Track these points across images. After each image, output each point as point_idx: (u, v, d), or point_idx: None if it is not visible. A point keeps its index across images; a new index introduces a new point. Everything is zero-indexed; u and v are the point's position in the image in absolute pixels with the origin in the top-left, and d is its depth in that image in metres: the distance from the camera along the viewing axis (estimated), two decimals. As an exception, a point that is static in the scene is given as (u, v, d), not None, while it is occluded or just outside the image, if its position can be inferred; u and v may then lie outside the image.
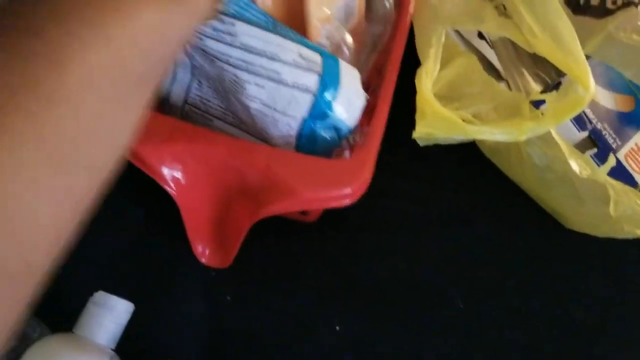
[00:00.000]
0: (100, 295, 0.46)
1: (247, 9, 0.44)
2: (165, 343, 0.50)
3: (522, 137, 0.44)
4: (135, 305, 0.47)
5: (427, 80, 0.47)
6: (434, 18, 0.51)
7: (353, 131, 0.47)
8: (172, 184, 0.45)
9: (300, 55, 0.43)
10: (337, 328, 0.51)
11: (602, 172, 0.49)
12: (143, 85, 0.30)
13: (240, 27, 0.43)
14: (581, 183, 0.50)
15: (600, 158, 0.57)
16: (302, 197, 0.43)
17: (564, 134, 0.57)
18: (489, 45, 0.60)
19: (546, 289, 0.54)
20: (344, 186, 0.43)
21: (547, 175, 0.52)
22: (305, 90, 0.44)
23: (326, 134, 0.46)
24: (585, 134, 0.58)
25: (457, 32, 0.60)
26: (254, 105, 0.45)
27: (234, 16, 0.43)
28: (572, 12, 0.57)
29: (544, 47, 0.48)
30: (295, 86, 0.44)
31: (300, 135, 0.46)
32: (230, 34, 0.43)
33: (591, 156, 0.57)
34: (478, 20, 0.54)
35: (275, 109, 0.45)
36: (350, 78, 0.45)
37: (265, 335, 0.51)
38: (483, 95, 0.52)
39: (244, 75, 0.44)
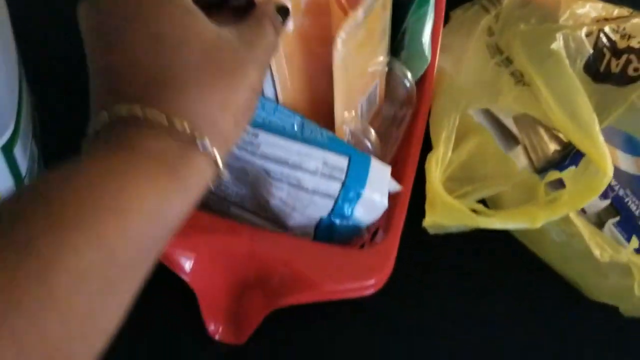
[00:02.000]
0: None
1: (274, 113, 0.44)
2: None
3: (536, 225, 0.44)
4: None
5: (436, 170, 0.47)
6: (449, 95, 0.51)
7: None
8: (186, 270, 0.44)
9: (325, 164, 0.43)
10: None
11: (625, 253, 0.47)
12: (135, 270, 0.30)
13: (263, 138, 0.43)
14: (601, 262, 0.48)
15: (624, 227, 0.55)
16: (323, 289, 0.43)
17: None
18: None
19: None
20: (367, 278, 0.43)
21: (566, 251, 0.51)
22: (326, 196, 0.44)
23: (345, 227, 0.46)
24: (607, 202, 0.56)
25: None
26: (273, 201, 0.45)
27: (258, 125, 0.43)
28: (592, 80, 0.57)
29: (561, 124, 0.47)
30: (315, 192, 0.44)
31: (318, 227, 0.46)
32: (252, 143, 0.43)
33: (613, 224, 0.56)
34: (494, 93, 0.53)
35: (294, 208, 0.45)
36: (379, 177, 0.45)
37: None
38: (497, 176, 0.51)
39: (265, 177, 0.44)
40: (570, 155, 0.57)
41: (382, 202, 0.45)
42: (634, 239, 0.52)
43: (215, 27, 0.34)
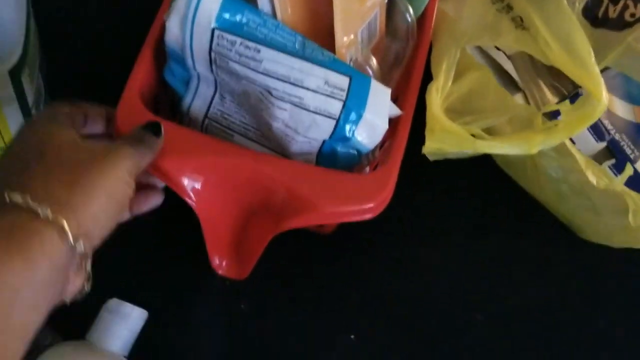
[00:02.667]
0: (114, 303, 0.46)
1: (276, 31, 0.44)
2: (178, 351, 0.50)
3: (533, 150, 0.44)
4: (149, 313, 0.47)
5: (436, 97, 0.47)
6: (450, 34, 0.51)
7: (374, 149, 0.47)
8: (192, 196, 0.45)
9: (326, 82, 0.43)
10: (352, 337, 0.51)
11: (619, 182, 0.48)
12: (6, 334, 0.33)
13: (265, 53, 0.43)
14: (598, 194, 0.49)
15: (619, 169, 0.56)
16: (324, 211, 0.43)
17: (581, 145, 0.57)
18: (506, 56, 0.60)
19: (562, 299, 0.54)
20: (366, 201, 0.43)
21: (562, 187, 0.52)
22: (328, 116, 0.44)
23: (347, 152, 0.46)
24: (603, 144, 0.57)
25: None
26: (276, 124, 0.45)
27: (259, 41, 0.43)
28: (590, 25, 0.57)
29: (558, 59, 0.48)
30: (317, 112, 0.44)
31: (320, 153, 0.46)
32: (254, 59, 0.43)
33: (609, 167, 0.57)
34: (494, 35, 0.53)
35: (296, 130, 0.45)
36: (379, 99, 0.45)
37: (280, 344, 0.50)
38: (496, 109, 0.51)
39: (268, 96, 0.44)
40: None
41: (383, 125, 0.45)
42: (628, 166, 0.53)
43: (79, 138, 0.40)
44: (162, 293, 0.51)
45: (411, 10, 0.51)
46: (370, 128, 0.44)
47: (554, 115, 0.54)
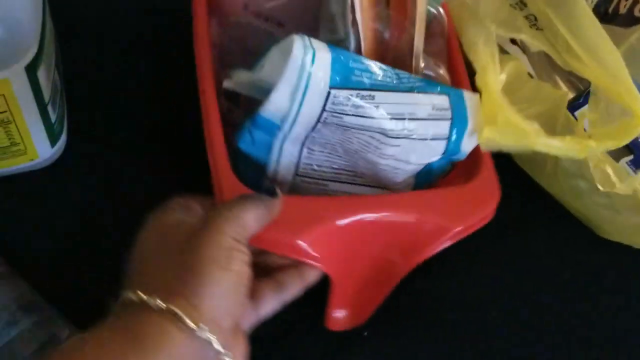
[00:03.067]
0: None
1: (377, 70, 0.43)
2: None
3: (583, 155, 0.43)
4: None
5: (496, 82, 0.45)
6: (479, 27, 0.51)
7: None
8: (319, 259, 0.43)
9: (434, 107, 0.43)
10: (365, 334, 0.50)
11: (637, 180, 0.48)
12: None
13: (379, 98, 0.42)
14: (616, 193, 0.49)
15: (637, 164, 0.56)
16: (457, 230, 0.44)
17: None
18: (522, 51, 0.60)
19: (581, 298, 0.54)
20: (487, 207, 0.45)
21: (580, 184, 0.51)
22: (439, 138, 0.44)
23: (442, 165, 0.47)
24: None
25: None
26: (385, 161, 0.45)
27: (370, 87, 0.42)
28: (600, 21, 0.57)
29: (584, 68, 0.47)
30: (430, 138, 0.44)
31: (418, 174, 0.47)
32: (370, 106, 0.42)
33: (627, 163, 0.56)
34: (512, 30, 0.53)
35: (407, 162, 0.45)
36: (473, 106, 0.45)
37: (290, 338, 0.50)
38: (532, 99, 0.51)
39: (381, 138, 0.43)
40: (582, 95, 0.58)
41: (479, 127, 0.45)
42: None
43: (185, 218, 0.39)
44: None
45: (441, 9, 0.51)
46: (472, 137, 0.45)
47: (573, 110, 0.53)
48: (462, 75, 0.50)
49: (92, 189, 0.54)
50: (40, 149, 0.51)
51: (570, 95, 0.61)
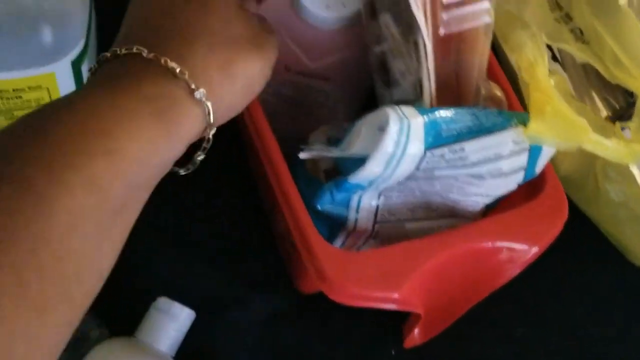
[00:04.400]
0: (164, 302, 0.46)
1: (460, 117, 0.42)
2: (223, 354, 0.49)
3: (629, 159, 0.42)
4: (196, 313, 0.46)
5: (544, 71, 0.43)
6: (526, 31, 0.50)
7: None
8: (412, 305, 0.44)
9: (514, 142, 0.42)
10: (393, 352, 0.50)
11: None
12: (126, 214, 0.31)
13: (468, 147, 0.41)
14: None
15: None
16: (539, 250, 0.44)
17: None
18: (563, 69, 0.59)
19: (608, 322, 0.54)
20: (560, 220, 0.45)
21: (622, 212, 0.51)
22: (519, 169, 0.43)
23: None
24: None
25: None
26: (467, 198, 0.45)
27: (459, 138, 0.41)
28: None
29: (633, 81, 0.46)
30: (512, 172, 0.43)
31: None
32: (461, 158, 0.41)
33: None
34: (561, 40, 0.52)
35: (487, 195, 0.45)
36: None
37: (320, 353, 0.50)
38: None
39: (465, 180, 0.43)
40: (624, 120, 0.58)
41: (550, 149, 0.44)
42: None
43: (242, 9, 0.36)
44: (209, 295, 0.50)
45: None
46: (545, 156, 0.44)
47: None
48: (508, 91, 0.49)
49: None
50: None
51: (605, 114, 0.60)
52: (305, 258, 0.42)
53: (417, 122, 0.39)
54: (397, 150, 0.39)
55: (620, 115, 0.59)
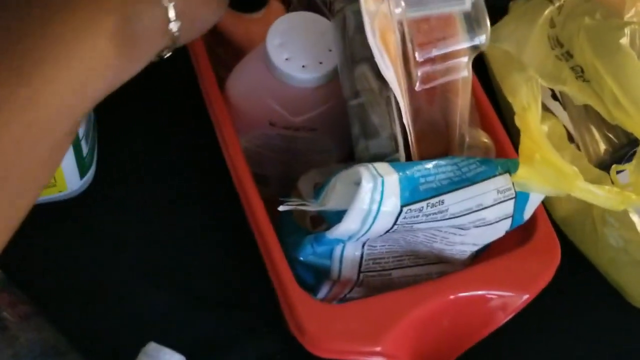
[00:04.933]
0: (153, 347, 0.45)
1: (439, 169, 0.41)
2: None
3: (621, 207, 0.42)
4: (187, 358, 0.46)
5: (536, 118, 0.43)
6: (520, 70, 0.49)
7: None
8: (396, 356, 0.43)
9: (498, 191, 0.42)
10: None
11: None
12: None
13: (448, 200, 0.41)
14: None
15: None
16: (531, 296, 0.45)
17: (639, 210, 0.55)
18: (562, 107, 0.59)
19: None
20: (554, 264, 0.45)
21: (621, 256, 0.51)
22: (505, 217, 0.43)
23: None
24: (661, 206, 0.55)
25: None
26: (451, 247, 0.44)
27: (438, 192, 0.41)
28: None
29: (632, 123, 0.46)
30: (497, 220, 0.43)
31: None
32: (441, 211, 0.41)
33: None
34: (558, 83, 0.52)
35: (474, 244, 0.45)
36: None
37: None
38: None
39: (448, 231, 0.43)
40: (624, 158, 0.57)
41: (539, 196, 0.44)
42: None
43: None
44: (200, 341, 0.50)
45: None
46: (532, 201, 0.44)
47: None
48: (499, 133, 0.48)
49: (120, 221, 0.53)
50: (69, 181, 0.51)
51: (604, 149, 0.59)
52: (285, 310, 0.41)
53: (391, 179, 0.39)
54: (372, 207, 0.39)
55: (620, 151, 0.58)
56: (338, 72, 0.42)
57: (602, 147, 0.58)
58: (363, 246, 0.44)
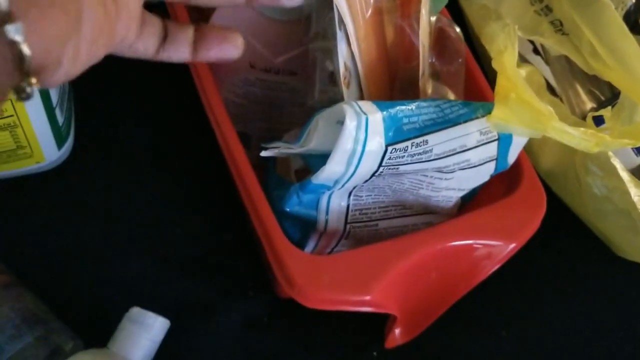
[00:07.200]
0: (136, 312, 0.45)
1: (422, 109, 0.41)
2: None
3: (595, 149, 0.41)
4: (171, 322, 0.46)
5: (512, 59, 0.42)
6: (500, 24, 0.49)
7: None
8: (385, 307, 0.43)
9: (480, 132, 0.42)
10: (375, 354, 0.50)
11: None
12: None
13: (432, 140, 0.40)
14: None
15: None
16: (519, 244, 0.44)
17: (621, 158, 0.55)
18: (544, 61, 0.58)
19: (592, 316, 0.53)
20: (540, 211, 0.45)
21: (605, 205, 0.50)
22: (489, 160, 0.43)
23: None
24: (643, 158, 0.55)
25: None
26: (437, 194, 0.44)
27: (422, 131, 0.40)
28: (630, 31, 0.55)
29: (609, 72, 0.46)
30: (481, 163, 0.43)
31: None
32: (425, 151, 0.41)
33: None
34: (535, 35, 0.52)
35: (459, 189, 0.45)
36: None
37: (300, 358, 0.49)
38: None
39: (434, 175, 0.43)
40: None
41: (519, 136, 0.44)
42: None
43: None
44: (185, 303, 0.49)
45: (457, 28, 0.49)
46: (517, 147, 0.44)
47: (597, 124, 0.52)
48: (486, 91, 0.48)
49: (100, 191, 0.52)
50: (47, 152, 0.50)
51: (590, 106, 0.59)
52: (273, 263, 0.41)
53: (375, 117, 0.38)
54: (357, 146, 0.38)
55: (606, 105, 0.58)
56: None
57: (588, 103, 0.58)
58: (349, 196, 0.44)
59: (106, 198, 0.52)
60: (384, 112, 0.39)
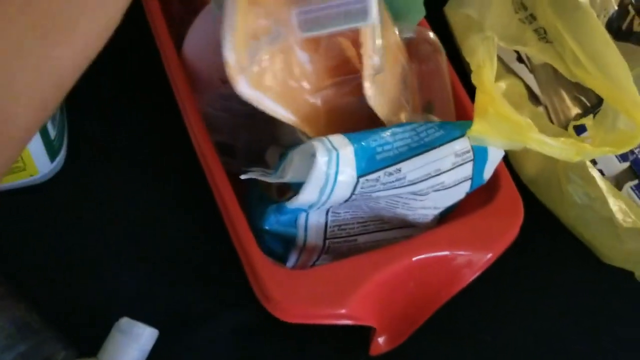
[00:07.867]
0: (125, 322, 0.46)
1: (396, 136, 0.42)
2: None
3: (576, 158, 0.42)
4: (160, 331, 0.47)
5: (490, 74, 0.43)
6: (481, 36, 0.50)
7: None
8: (362, 318, 0.44)
9: (456, 154, 0.42)
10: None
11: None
12: None
13: (405, 168, 0.41)
14: (623, 227, 0.49)
15: (643, 189, 0.55)
16: (498, 252, 0.45)
17: (604, 165, 0.56)
18: (528, 69, 0.59)
19: (576, 320, 0.53)
20: (517, 221, 0.46)
21: (586, 213, 0.51)
22: (464, 180, 0.44)
23: None
24: (626, 164, 0.56)
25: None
26: (413, 212, 0.45)
27: (395, 160, 0.41)
28: (613, 38, 0.56)
29: (591, 80, 0.46)
30: (456, 183, 0.43)
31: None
32: (398, 179, 0.41)
33: (631, 188, 0.55)
34: (520, 45, 0.52)
35: (435, 208, 0.45)
36: None
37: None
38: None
39: (408, 196, 0.43)
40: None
41: (500, 152, 0.44)
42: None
43: None
44: (174, 313, 0.50)
45: (431, 34, 0.49)
46: (492, 165, 0.44)
47: (579, 132, 0.52)
48: (465, 103, 0.49)
49: (92, 202, 0.53)
50: (39, 165, 0.51)
51: (575, 112, 0.60)
52: (250, 278, 0.42)
53: (346, 151, 0.39)
54: (329, 179, 0.39)
55: (592, 112, 0.58)
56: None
57: (573, 110, 0.59)
58: (327, 213, 0.45)
59: (98, 209, 0.53)
60: (355, 145, 0.40)
